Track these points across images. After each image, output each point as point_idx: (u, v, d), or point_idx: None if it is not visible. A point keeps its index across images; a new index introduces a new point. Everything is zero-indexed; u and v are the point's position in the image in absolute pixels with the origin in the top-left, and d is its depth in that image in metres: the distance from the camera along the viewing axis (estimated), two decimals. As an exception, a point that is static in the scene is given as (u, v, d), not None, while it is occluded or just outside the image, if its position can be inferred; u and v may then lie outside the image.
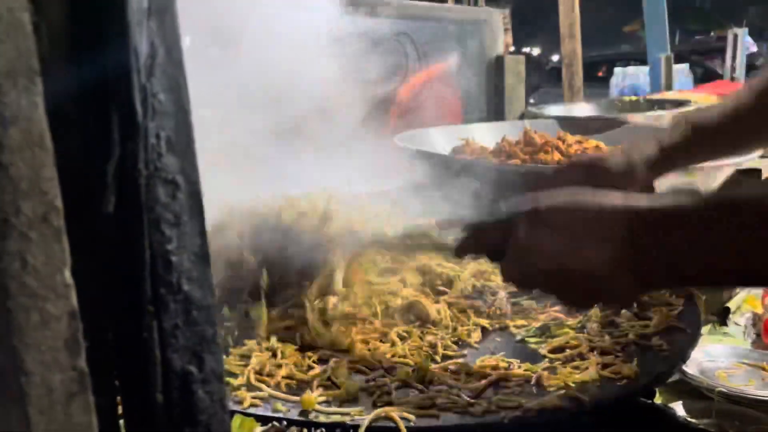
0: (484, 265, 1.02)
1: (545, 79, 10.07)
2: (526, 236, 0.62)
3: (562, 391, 0.66)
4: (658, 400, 0.89)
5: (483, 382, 0.68)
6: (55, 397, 0.33)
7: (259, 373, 0.66)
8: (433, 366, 0.70)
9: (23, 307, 0.32)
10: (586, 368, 0.70)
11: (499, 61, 2.30)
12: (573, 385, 0.67)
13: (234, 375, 0.65)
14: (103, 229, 0.35)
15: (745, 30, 4.39)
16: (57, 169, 0.33)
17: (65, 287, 0.33)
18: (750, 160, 1.43)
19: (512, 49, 2.56)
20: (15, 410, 0.33)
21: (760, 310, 1.61)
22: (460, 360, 0.74)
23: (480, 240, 0.70)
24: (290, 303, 0.82)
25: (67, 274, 0.33)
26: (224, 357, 0.64)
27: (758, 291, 1.67)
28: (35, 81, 0.32)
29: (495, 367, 0.71)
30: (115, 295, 0.36)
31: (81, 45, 0.34)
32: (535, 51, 15.26)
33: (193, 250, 0.38)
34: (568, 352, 0.75)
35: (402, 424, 0.58)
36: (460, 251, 0.73)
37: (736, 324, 1.62)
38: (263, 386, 0.65)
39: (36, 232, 0.32)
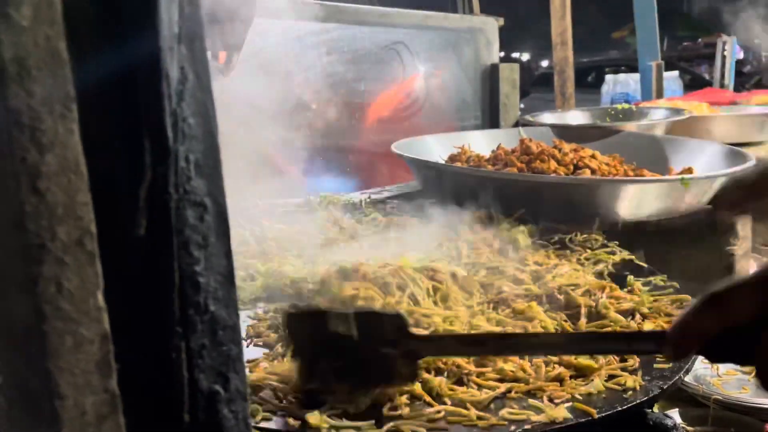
0: None
1: (535, 85, 10.13)
2: None
3: (569, 404, 0.67)
4: (655, 408, 0.90)
5: (490, 394, 0.68)
6: (87, 419, 0.34)
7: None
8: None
9: (58, 330, 0.32)
10: (592, 380, 0.71)
11: (494, 68, 2.32)
12: (579, 397, 0.68)
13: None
14: (134, 252, 0.36)
15: (734, 37, 4.44)
16: (91, 194, 0.33)
17: (98, 310, 0.34)
18: (744, 169, 1.45)
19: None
20: (48, 432, 0.33)
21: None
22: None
23: None
24: None
25: (100, 297, 0.34)
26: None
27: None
28: (71, 108, 0.32)
29: (501, 379, 0.71)
30: (144, 317, 0.37)
31: (114, 72, 0.35)
32: (525, 57, 15.32)
33: (219, 271, 0.39)
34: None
35: (414, 438, 0.59)
36: None
37: (729, 331, 1.64)
38: (274, 400, 0.65)
39: (71, 257, 0.33)
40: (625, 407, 0.67)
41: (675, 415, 1.22)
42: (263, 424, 0.60)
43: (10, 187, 0.31)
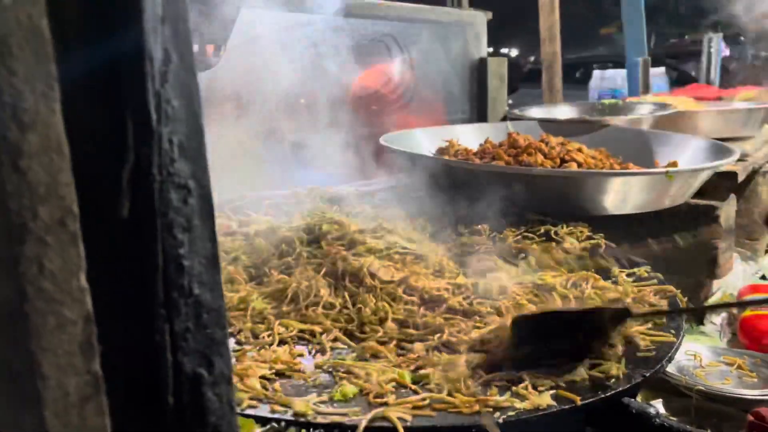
0: None
1: (524, 81, 10.14)
2: None
3: (553, 391, 0.68)
4: (639, 398, 0.91)
5: (474, 381, 0.69)
6: (70, 400, 0.34)
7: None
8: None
9: (40, 311, 0.32)
10: (576, 368, 0.72)
11: (482, 62, 2.32)
12: (563, 384, 0.69)
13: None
14: (117, 234, 0.36)
15: (720, 34, 4.47)
16: (73, 175, 0.33)
17: (81, 291, 0.34)
18: (728, 163, 1.47)
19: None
20: (30, 413, 0.33)
21: (735, 310, 1.65)
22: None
23: None
24: None
25: (83, 278, 0.34)
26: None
27: (734, 291, 1.72)
28: (53, 87, 0.32)
29: (481, 365, 0.72)
30: (128, 299, 0.36)
31: (96, 52, 0.35)
32: (513, 52, 15.33)
33: (203, 254, 0.39)
34: None
35: (399, 424, 0.59)
36: None
37: (713, 323, 1.66)
38: (258, 387, 0.65)
39: (53, 237, 0.32)
40: (608, 395, 0.67)
41: (658, 405, 1.24)
42: (249, 411, 0.60)
43: (-9, 166, 0.31)
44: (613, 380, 0.70)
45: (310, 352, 0.77)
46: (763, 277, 1.84)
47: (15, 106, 0.31)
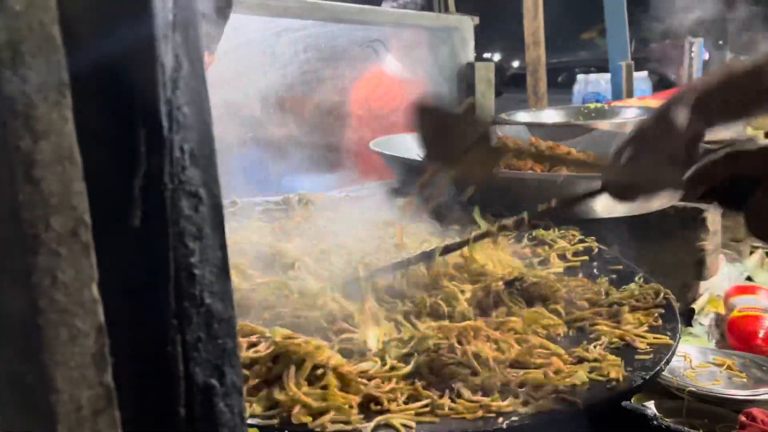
0: None
1: (506, 86, 10.21)
2: None
3: (554, 395, 0.68)
4: (632, 400, 0.91)
5: (479, 387, 0.69)
6: (83, 414, 0.33)
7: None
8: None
9: (53, 323, 0.32)
10: (575, 372, 0.72)
11: (469, 67, 2.34)
12: (564, 388, 0.69)
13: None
14: (129, 243, 0.35)
15: (701, 39, 4.54)
16: (85, 184, 0.33)
17: (93, 302, 0.33)
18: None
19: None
20: (43, 427, 0.32)
21: (723, 311, 1.67)
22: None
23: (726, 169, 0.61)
24: None
25: (95, 289, 0.33)
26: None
27: (720, 293, 1.74)
28: (65, 95, 0.32)
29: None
30: (140, 309, 0.36)
31: (108, 60, 0.34)
32: (496, 57, 15.41)
33: (214, 263, 0.38)
34: None
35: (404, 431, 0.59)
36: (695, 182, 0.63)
37: (701, 324, 1.68)
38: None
39: (65, 248, 0.32)
40: (610, 397, 0.68)
41: (651, 406, 1.25)
42: (252, 420, 0.60)
43: (4, 175, 0.30)
44: (614, 383, 0.71)
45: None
46: (748, 278, 1.86)
47: (27, 114, 0.30)
